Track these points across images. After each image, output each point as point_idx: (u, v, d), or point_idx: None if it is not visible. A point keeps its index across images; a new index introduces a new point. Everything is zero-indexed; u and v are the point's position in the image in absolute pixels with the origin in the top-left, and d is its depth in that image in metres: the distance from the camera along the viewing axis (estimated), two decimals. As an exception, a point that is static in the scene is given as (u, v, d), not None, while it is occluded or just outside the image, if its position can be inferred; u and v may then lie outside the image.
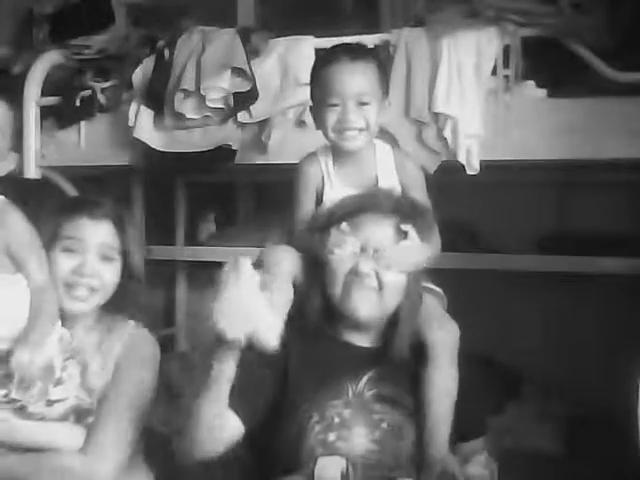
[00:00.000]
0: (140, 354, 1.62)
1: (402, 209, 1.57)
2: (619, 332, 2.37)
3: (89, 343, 1.59)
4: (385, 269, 1.51)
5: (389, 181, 1.69)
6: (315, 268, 1.57)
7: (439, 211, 1.71)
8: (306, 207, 1.71)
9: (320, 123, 1.67)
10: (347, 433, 1.47)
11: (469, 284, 2.58)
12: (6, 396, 1.44)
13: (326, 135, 1.66)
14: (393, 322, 1.57)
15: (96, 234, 1.58)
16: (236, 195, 3.54)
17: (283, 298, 1.52)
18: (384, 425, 1.49)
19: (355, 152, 1.67)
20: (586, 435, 2.47)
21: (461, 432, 1.55)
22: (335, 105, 1.62)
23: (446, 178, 2.19)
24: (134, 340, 1.63)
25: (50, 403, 1.47)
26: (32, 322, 1.46)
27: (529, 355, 2.71)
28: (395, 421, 1.50)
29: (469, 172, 2.33)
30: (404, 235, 1.53)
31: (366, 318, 1.54)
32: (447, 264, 1.74)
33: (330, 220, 1.58)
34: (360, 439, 1.47)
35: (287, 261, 1.59)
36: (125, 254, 1.61)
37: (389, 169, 1.70)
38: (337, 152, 1.69)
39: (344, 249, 1.52)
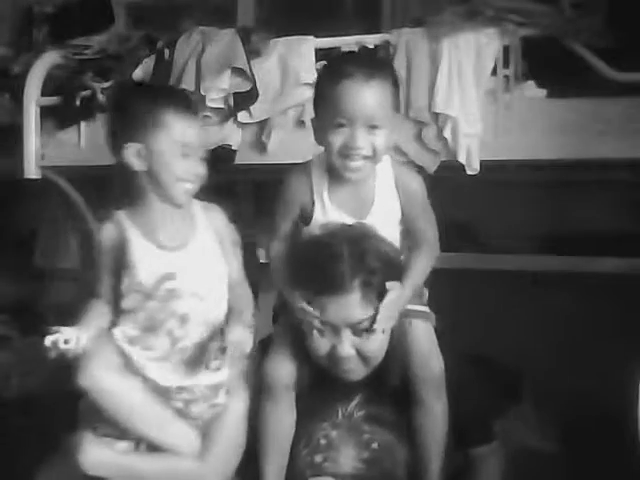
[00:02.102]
0: None
1: (370, 264, 1.47)
2: (619, 332, 2.36)
3: None
4: (367, 339, 1.46)
5: (388, 201, 1.56)
6: (296, 332, 1.52)
7: (439, 211, 1.71)
8: (283, 227, 1.60)
9: (323, 141, 1.50)
10: (334, 454, 1.49)
11: (469, 284, 2.58)
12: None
13: (329, 156, 1.50)
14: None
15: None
16: (236, 195, 3.53)
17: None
18: (374, 445, 1.51)
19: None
20: (586, 435, 2.47)
21: (468, 438, 1.56)
22: (342, 125, 1.45)
23: (446, 178, 2.19)
24: None
25: (213, 406, 1.50)
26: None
27: (529, 355, 2.71)
28: (386, 441, 1.51)
29: (469, 172, 2.33)
30: (384, 294, 1.46)
31: (357, 379, 1.52)
32: (447, 264, 1.74)
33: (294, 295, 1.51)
34: (348, 460, 1.49)
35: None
36: None
37: (389, 187, 1.56)
38: (334, 170, 1.53)
39: (318, 335, 1.46)
